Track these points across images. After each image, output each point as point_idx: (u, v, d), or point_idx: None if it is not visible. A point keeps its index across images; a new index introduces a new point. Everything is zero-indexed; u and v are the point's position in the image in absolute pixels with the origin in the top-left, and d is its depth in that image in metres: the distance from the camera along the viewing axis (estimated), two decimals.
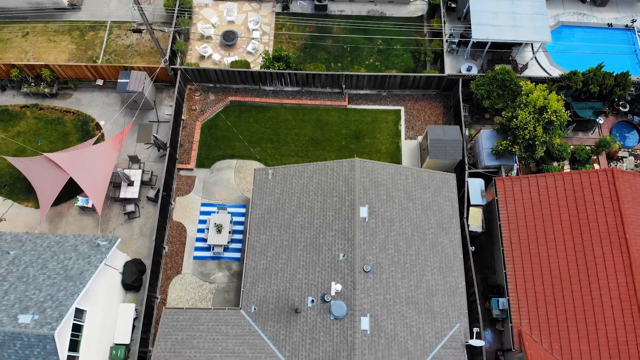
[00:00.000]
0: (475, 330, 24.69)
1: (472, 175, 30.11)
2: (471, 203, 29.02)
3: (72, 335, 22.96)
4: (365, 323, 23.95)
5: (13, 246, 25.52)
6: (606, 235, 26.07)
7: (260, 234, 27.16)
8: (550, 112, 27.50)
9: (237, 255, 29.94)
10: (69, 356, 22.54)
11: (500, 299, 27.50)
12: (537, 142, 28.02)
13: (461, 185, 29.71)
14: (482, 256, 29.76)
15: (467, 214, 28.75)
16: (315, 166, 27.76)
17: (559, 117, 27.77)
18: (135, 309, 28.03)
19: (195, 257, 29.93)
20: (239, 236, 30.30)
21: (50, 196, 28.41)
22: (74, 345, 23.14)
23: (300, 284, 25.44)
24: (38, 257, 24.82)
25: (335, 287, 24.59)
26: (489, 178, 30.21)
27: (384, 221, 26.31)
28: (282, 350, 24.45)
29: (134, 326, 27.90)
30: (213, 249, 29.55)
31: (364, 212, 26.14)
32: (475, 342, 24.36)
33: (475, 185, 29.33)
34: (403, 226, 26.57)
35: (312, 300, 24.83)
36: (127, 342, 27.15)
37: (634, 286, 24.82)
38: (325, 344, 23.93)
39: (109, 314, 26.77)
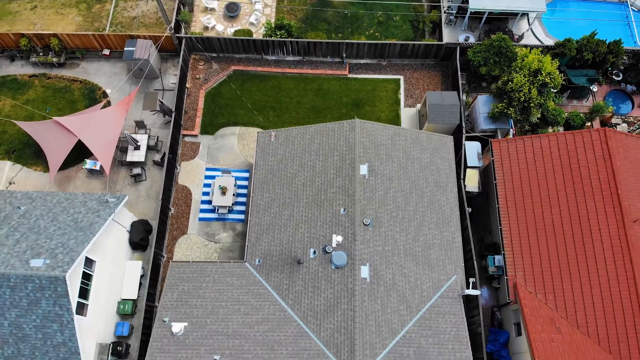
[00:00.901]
0: (471, 280, 25.50)
1: (469, 138, 30.96)
2: (468, 165, 29.87)
3: (82, 283, 23.79)
4: (365, 271, 24.78)
5: (23, 202, 26.35)
6: (599, 191, 26.91)
7: (263, 192, 27.99)
8: (544, 74, 28.35)
9: (241, 216, 30.79)
10: (78, 303, 23.34)
11: (496, 256, 28.36)
12: (532, 105, 28.87)
13: (458, 150, 30.54)
14: (479, 218, 30.57)
15: (464, 175, 29.59)
16: (316, 128, 28.60)
17: (553, 80, 28.62)
18: (142, 267, 28.87)
19: (201, 219, 30.77)
20: (243, 199, 31.14)
21: (59, 158, 29.26)
22: (83, 293, 23.97)
23: (303, 238, 26.27)
24: (48, 211, 25.64)
25: (336, 238, 25.42)
26: (485, 143, 31.05)
27: (383, 179, 27.14)
28: (285, 298, 25.28)
29: (140, 284, 28.72)
30: (218, 210, 30.39)
31: (364, 169, 26.96)
32: (472, 292, 25.19)
33: (472, 148, 30.16)
34: (401, 184, 27.39)
35: (314, 252, 25.66)
36: (134, 297, 28.00)
37: (626, 238, 25.65)
38: (327, 292, 24.76)
39: (117, 270, 27.59)
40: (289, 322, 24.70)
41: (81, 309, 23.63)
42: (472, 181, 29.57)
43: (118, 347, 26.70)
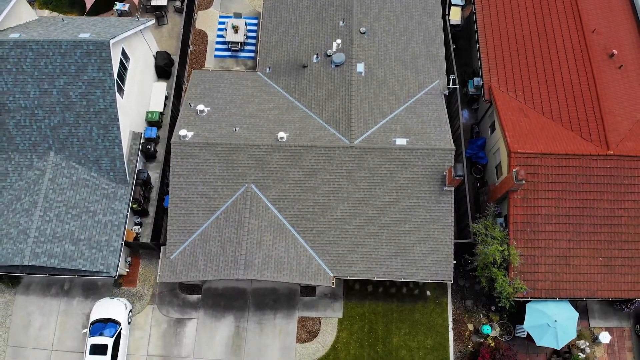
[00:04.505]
0: (451, 77, 29.62)
1: None
2: (452, 3, 33.99)
3: (119, 70, 27.74)
4: (360, 67, 28.89)
5: (66, 20, 30.35)
6: (562, 10, 31.09)
7: (272, 17, 32.07)
8: None
9: (252, 54, 34.90)
10: (117, 83, 27.26)
11: (476, 79, 32.43)
12: None
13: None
14: (461, 58, 34.61)
15: (449, 11, 33.69)
16: None
17: None
18: (166, 90, 32.96)
19: (216, 56, 34.91)
20: (253, 41, 35.25)
21: None
22: (121, 78, 27.97)
23: (307, 48, 30.38)
24: (88, 22, 29.60)
25: (336, 42, 29.52)
26: None
27: (377, 0, 31.20)
28: (293, 94, 29.43)
29: (165, 105, 32.81)
30: (230, 47, 34.50)
31: None
32: (452, 86, 29.35)
33: None
34: (393, 6, 31.40)
35: (317, 57, 29.76)
36: (161, 109, 32.10)
37: (585, 44, 29.75)
38: (328, 85, 28.88)
39: (145, 85, 31.62)
40: (296, 109, 28.85)
41: (119, 90, 27.66)
42: (455, 16, 33.73)
43: (147, 146, 30.85)
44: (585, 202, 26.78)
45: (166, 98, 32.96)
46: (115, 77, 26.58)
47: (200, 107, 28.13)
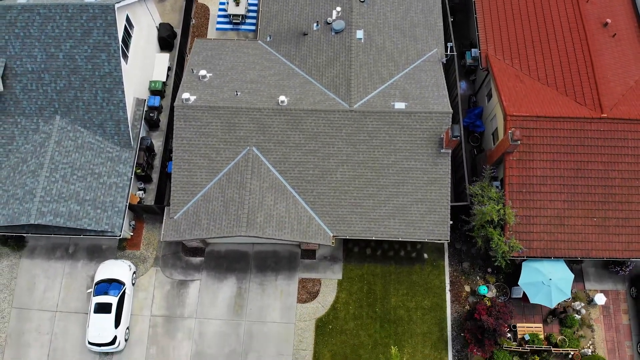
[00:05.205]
0: (449, 44, 30.19)
1: None
2: None
3: (123, 36, 28.30)
4: (359, 34, 29.45)
5: None
6: None
7: None
8: None
9: (253, 27, 35.47)
10: (121, 48, 27.81)
11: (473, 49, 33.00)
12: None
13: None
14: (459, 30, 35.16)
15: None
16: None
17: None
18: (169, 62, 33.55)
19: (218, 29, 35.52)
20: (254, 14, 35.83)
21: None
22: (125, 44, 28.53)
23: (307, 17, 30.95)
24: None
25: (336, 9, 30.09)
26: None
27: None
28: (293, 61, 30.01)
29: (168, 76, 33.39)
30: (232, 20, 35.07)
31: None
32: (449, 53, 29.93)
33: None
34: None
35: (317, 24, 30.35)
36: (163, 79, 32.68)
37: (580, 13, 30.36)
38: (328, 52, 29.46)
39: (148, 56, 32.19)
40: (296, 75, 29.44)
41: (123, 55, 28.20)
42: None
43: (150, 114, 31.42)
44: (580, 164, 27.36)
45: (169, 69, 33.54)
46: (120, 42, 27.16)
47: (203, 72, 28.70)
